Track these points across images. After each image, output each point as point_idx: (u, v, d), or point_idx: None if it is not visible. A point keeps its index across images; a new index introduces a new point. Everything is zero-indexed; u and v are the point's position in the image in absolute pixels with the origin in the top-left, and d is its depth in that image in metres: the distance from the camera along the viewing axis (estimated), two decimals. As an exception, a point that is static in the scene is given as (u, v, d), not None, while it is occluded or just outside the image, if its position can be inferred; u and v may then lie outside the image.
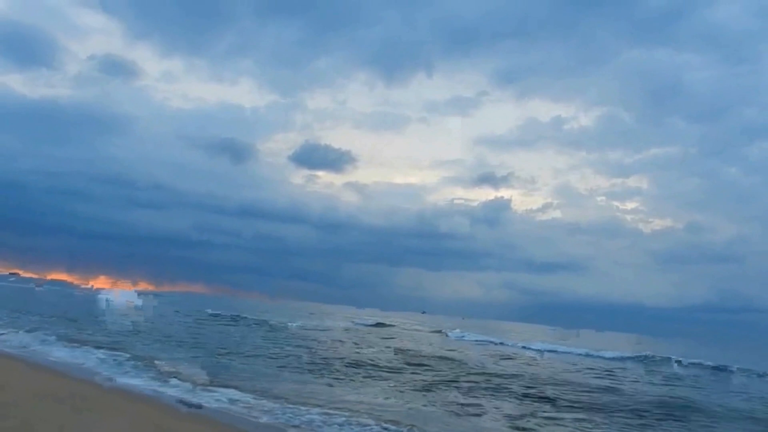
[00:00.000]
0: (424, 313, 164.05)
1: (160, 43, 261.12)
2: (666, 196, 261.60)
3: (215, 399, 13.56)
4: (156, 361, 18.86)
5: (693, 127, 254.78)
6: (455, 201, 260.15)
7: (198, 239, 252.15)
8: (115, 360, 18.81)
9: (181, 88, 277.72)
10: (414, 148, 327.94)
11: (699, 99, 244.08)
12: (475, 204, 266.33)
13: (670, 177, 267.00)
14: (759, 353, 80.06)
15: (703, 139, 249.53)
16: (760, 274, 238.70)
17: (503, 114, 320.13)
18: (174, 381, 15.62)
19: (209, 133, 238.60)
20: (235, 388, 15.09)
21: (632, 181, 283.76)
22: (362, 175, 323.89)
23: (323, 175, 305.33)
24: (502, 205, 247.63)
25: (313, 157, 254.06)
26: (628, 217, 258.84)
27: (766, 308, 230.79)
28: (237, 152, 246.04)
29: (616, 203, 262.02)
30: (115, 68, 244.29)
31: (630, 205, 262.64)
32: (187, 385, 15.15)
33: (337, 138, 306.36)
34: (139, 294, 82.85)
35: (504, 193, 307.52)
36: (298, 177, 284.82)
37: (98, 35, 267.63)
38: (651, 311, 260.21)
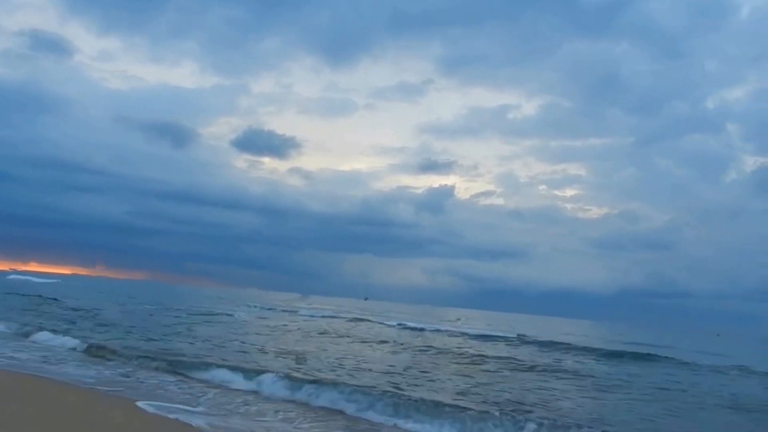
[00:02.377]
0: (366, 299, 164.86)
1: (96, 20, 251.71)
2: (603, 185, 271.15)
3: None
4: None
5: (630, 118, 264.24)
6: (400, 188, 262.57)
7: (138, 225, 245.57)
8: None
9: (119, 67, 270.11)
10: (360, 135, 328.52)
11: (636, 91, 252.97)
12: (420, 191, 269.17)
13: (607, 166, 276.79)
14: (677, 336, 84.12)
15: (639, 130, 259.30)
16: (691, 260, 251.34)
17: (448, 102, 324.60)
18: None
19: (149, 115, 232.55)
20: None
21: (572, 169, 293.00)
22: (307, 161, 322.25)
23: (267, 161, 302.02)
24: (446, 192, 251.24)
25: (257, 142, 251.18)
26: (568, 206, 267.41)
27: (697, 293, 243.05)
28: (178, 136, 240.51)
29: (556, 191, 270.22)
30: (48, 45, 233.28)
31: (569, 193, 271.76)
32: None
33: (281, 123, 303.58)
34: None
35: (448, 180, 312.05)
36: (242, 162, 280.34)
37: (28, 9, 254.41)
38: (589, 296, 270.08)
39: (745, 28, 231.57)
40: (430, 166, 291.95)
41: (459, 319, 67.27)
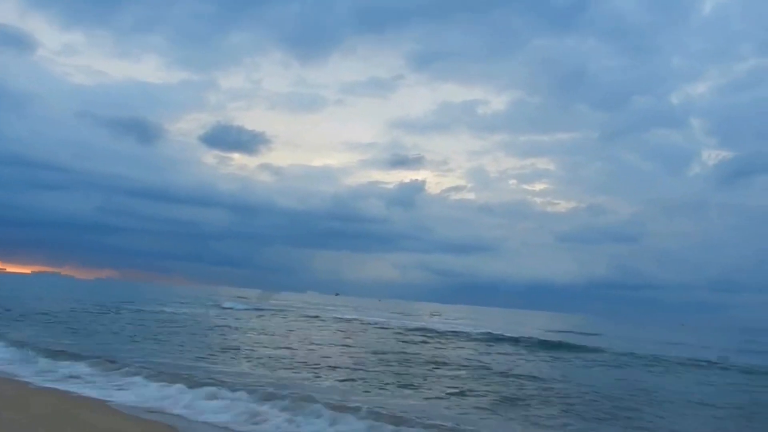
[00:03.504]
0: (337, 294, 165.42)
1: (59, 13, 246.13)
2: (571, 179, 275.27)
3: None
4: None
5: (597, 113, 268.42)
6: (371, 183, 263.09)
7: (106, 223, 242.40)
8: None
9: (83, 62, 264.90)
10: (330, 130, 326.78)
11: (603, 87, 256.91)
12: (390, 186, 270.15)
13: (575, 161, 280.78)
14: (639, 327, 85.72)
15: (606, 125, 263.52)
16: (657, 252, 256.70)
17: (419, 97, 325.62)
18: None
19: (114, 111, 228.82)
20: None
21: (541, 164, 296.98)
22: (277, 157, 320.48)
23: (237, 157, 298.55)
24: (417, 187, 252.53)
25: (226, 138, 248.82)
26: (537, 200, 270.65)
27: (663, 285, 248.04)
28: (145, 132, 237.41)
29: (525, 186, 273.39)
30: (8, 40, 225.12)
31: (538, 187, 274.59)
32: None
33: (251, 119, 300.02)
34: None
35: (419, 175, 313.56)
36: (211, 158, 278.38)
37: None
38: (558, 289, 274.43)
39: (707, 24, 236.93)
40: (401, 162, 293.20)
41: (436, 315, 67.73)
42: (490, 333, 32.77)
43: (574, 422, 10.89)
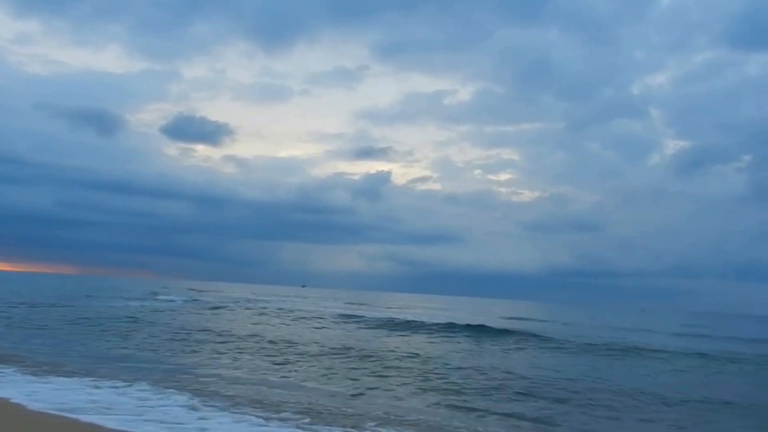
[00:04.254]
0: (304, 286, 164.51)
1: (12, 1, 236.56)
2: (535, 169, 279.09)
3: None
4: None
5: (561, 103, 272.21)
6: (337, 174, 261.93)
7: (65, 216, 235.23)
8: None
9: (39, 51, 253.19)
10: (296, 121, 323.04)
11: (566, 77, 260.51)
12: (356, 177, 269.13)
13: (539, 151, 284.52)
14: (599, 313, 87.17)
15: (570, 115, 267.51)
16: (618, 240, 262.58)
17: (385, 87, 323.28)
18: None
19: (73, 102, 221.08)
20: None
21: (506, 154, 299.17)
22: (242, 148, 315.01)
23: (201, 149, 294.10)
24: (383, 178, 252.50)
25: (189, 129, 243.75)
26: (502, 190, 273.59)
27: (624, 272, 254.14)
28: (104, 123, 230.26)
29: (490, 176, 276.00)
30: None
31: (503, 177, 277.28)
32: None
33: (215, 110, 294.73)
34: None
35: (385, 166, 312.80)
36: (174, 150, 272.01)
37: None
38: (523, 277, 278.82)
39: (665, 16, 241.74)
40: (367, 152, 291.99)
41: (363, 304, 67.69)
42: (419, 321, 32.41)
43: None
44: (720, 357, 21.76)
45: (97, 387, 10.54)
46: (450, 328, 28.53)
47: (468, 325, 28.91)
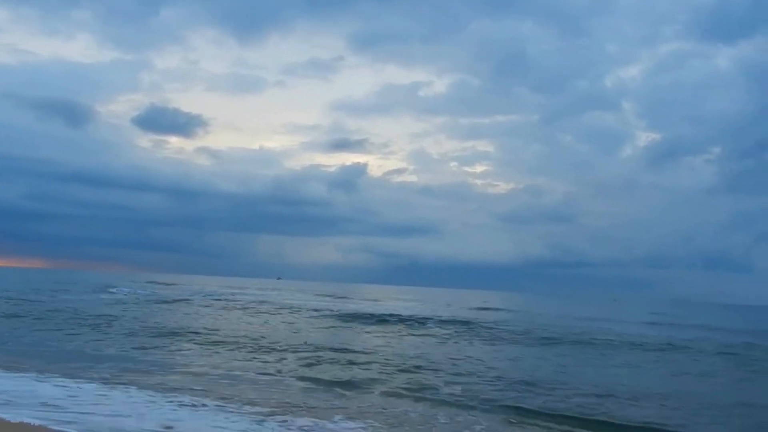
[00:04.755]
0: (279, 279, 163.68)
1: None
2: (510, 161, 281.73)
3: None
4: None
5: (535, 96, 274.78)
6: (313, 166, 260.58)
7: (35, 209, 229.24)
8: None
9: (6, 40, 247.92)
10: (271, 113, 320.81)
11: (541, 70, 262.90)
12: (332, 169, 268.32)
13: (514, 143, 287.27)
14: (569, 303, 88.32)
15: (544, 107, 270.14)
16: (591, 231, 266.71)
17: (360, 79, 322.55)
18: None
19: (41, 92, 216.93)
20: None
21: (481, 146, 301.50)
22: (216, 140, 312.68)
23: (174, 141, 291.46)
24: (359, 170, 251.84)
25: (161, 120, 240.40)
26: (477, 182, 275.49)
27: (597, 262, 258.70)
28: (74, 114, 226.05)
29: (466, 168, 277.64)
30: None
31: (479, 169, 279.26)
32: None
33: (187, 100, 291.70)
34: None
35: (361, 158, 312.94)
36: (146, 142, 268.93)
37: None
38: (498, 268, 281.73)
39: (636, 8, 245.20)
40: (343, 144, 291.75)
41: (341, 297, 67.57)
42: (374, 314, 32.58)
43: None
44: (664, 346, 21.99)
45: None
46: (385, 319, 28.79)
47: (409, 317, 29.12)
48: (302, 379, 12.25)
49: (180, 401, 9.52)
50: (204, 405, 9.39)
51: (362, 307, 39.31)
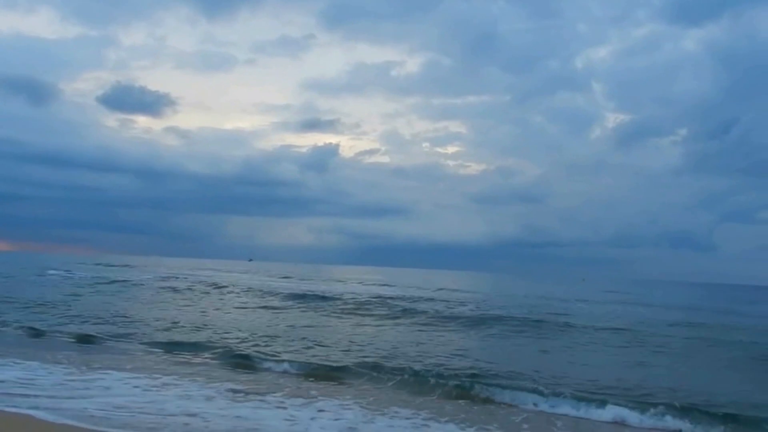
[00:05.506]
0: (251, 260, 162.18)
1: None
2: (482, 142, 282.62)
3: None
4: None
5: (506, 76, 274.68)
6: (284, 147, 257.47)
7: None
8: None
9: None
10: (241, 91, 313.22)
11: (512, 50, 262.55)
12: (304, 150, 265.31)
13: (486, 124, 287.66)
14: (538, 283, 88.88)
15: (515, 88, 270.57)
16: (560, 211, 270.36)
17: (332, 57, 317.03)
18: None
19: (1, 69, 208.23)
20: None
21: (453, 127, 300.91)
22: (185, 119, 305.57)
23: (141, 120, 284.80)
24: (331, 151, 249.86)
25: (128, 99, 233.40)
26: (450, 162, 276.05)
27: (566, 242, 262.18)
28: (36, 92, 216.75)
29: (438, 149, 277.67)
30: None
31: (451, 150, 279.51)
32: None
33: (155, 78, 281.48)
34: None
35: (332, 139, 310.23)
36: (112, 121, 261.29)
37: None
38: (470, 249, 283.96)
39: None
40: (314, 124, 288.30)
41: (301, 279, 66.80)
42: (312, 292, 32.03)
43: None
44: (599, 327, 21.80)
45: None
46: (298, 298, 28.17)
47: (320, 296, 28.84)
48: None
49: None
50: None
51: (313, 287, 38.63)
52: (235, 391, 9.73)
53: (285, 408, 8.91)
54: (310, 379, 11.21)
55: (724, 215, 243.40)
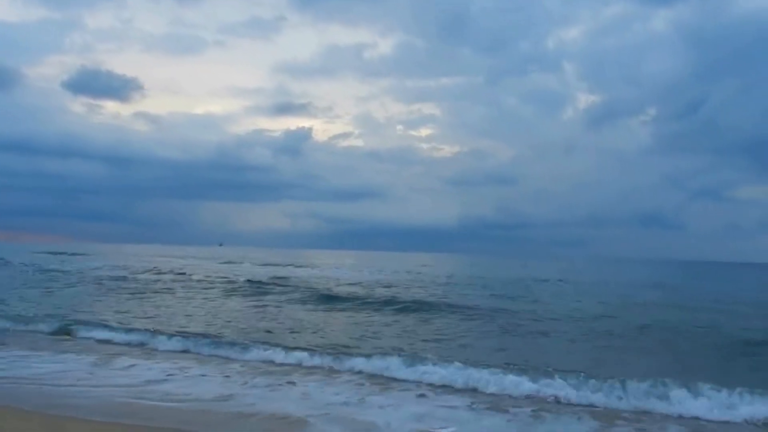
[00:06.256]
0: (221, 245, 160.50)
1: None
2: (456, 124, 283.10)
3: None
4: None
5: (479, 57, 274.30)
6: (257, 131, 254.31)
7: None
8: None
9: None
10: (211, 75, 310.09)
11: (484, 30, 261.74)
12: (277, 134, 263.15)
13: (459, 106, 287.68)
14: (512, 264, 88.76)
15: (489, 69, 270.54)
16: (533, 193, 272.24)
17: (304, 39, 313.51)
18: None
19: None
20: None
21: (427, 109, 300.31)
22: (154, 104, 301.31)
23: (109, 105, 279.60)
24: (304, 135, 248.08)
25: (94, 84, 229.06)
26: (423, 145, 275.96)
27: (538, 223, 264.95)
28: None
29: (412, 132, 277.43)
30: None
31: (425, 133, 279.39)
32: None
33: (122, 62, 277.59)
34: None
35: (306, 122, 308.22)
36: (78, 107, 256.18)
37: None
38: (444, 231, 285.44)
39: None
40: (287, 108, 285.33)
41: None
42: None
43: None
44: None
45: None
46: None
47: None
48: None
49: None
50: None
51: (259, 272, 37.53)
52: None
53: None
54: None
55: (693, 194, 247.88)
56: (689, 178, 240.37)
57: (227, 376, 9.24)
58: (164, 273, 34.50)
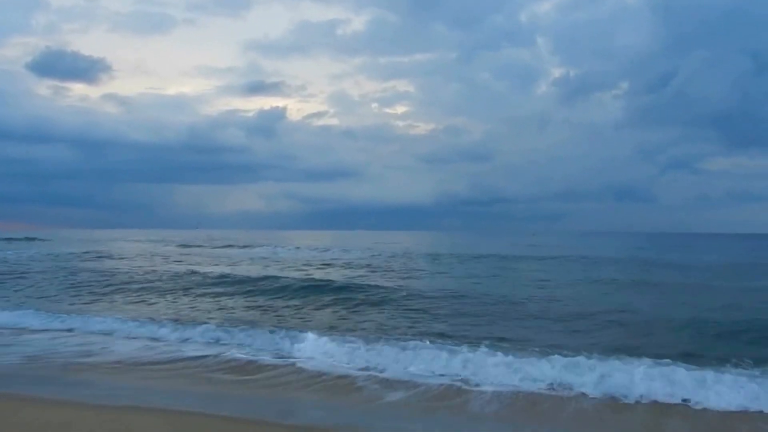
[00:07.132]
0: (197, 228, 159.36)
1: None
2: (430, 101, 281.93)
3: None
4: None
5: (452, 32, 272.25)
6: (230, 111, 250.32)
7: None
8: None
9: None
10: (182, 54, 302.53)
11: (457, 4, 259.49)
12: (250, 114, 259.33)
13: (433, 82, 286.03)
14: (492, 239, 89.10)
15: (462, 45, 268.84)
16: (508, 169, 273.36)
17: (275, 16, 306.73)
18: None
19: None
20: None
21: (401, 86, 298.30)
22: (123, 86, 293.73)
23: (76, 87, 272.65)
24: (278, 114, 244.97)
25: (60, 65, 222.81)
26: (399, 123, 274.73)
27: (512, 199, 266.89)
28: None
29: (387, 109, 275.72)
30: None
31: (400, 110, 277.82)
32: None
33: (88, 43, 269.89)
34: None
35: (279, 102, 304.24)
36: (44, 89, 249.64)
37: None
38: (420, 209, 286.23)
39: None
40: (260, 87, 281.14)
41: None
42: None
43: None
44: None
45: None
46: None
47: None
48: None
49: None
50: None
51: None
52: None
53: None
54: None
55: (664, 167, 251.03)
56: (661, 151, 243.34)
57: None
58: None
